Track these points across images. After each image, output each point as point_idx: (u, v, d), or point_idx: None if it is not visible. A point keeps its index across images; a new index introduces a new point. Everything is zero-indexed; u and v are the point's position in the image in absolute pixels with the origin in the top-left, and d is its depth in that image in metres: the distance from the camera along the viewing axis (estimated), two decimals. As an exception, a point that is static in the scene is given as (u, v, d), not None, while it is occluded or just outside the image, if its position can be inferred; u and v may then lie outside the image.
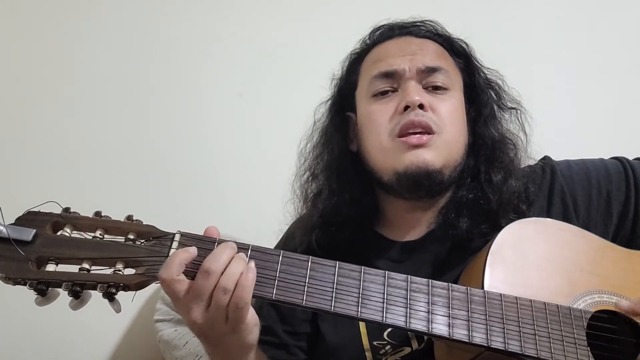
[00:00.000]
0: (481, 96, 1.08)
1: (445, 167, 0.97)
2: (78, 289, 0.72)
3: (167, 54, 1.73)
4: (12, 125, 1.65)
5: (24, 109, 1.66)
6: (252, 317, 0.77)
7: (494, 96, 1.09)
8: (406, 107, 0.97)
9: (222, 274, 0.73)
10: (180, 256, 0.73)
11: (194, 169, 1.70)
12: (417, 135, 0.95)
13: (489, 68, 1.11)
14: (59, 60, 1.71)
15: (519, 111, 1.10)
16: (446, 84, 1.01)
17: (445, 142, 0.97)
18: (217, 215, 1.65)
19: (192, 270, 0.75)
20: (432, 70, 1.00)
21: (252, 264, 0.76)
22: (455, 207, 1.00)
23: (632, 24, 1.70)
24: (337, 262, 0.80)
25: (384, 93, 1.01)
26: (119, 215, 0.79)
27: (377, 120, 1.00)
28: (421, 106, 0.96)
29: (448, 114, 0.99)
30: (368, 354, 0.97)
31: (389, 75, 1.01)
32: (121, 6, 1.74)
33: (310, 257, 0.80)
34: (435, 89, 1.00)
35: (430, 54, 1.03)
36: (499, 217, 0.97)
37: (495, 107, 1.09)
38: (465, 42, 1.10)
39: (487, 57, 1.12)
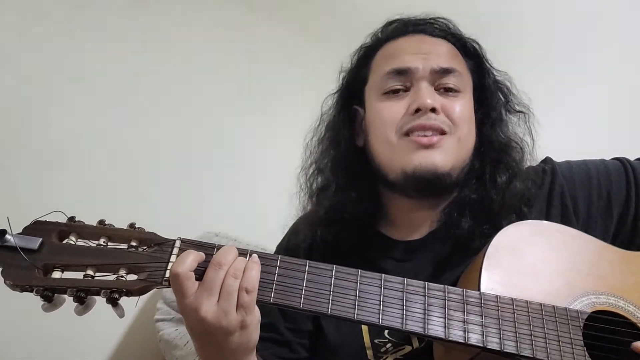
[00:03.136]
0: (490, 99, 1.07)
1: (453, 168, 0.97)
2: (83, 295, 0.75)
3: (166, 54, 1.74)
4: (20, 138, 1.67)
5: (29, 122, 1.68)
6: (257, 311, 0.79)
7: (503, 99, 1.09)
8: (417, 110, 0.96)
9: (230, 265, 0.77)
10: (193, 254, 0.77)
11: (194, 169, 1.72)
12: (428, 137, 0.95)
13: (499, 70, 1.10)
14: (59, 63, 1.71)
15: (526, 115, 1.09)
16: (458, 86, 1.01)
17: (455, 143, 0.97)
18: (219, 215, 1.67)
19: (199, 268, 0.77)
20: (445, 72, 1.00)
21: (256, 257, 0.79)
22: (458, 207, 1.00)
23: (634, 24, 1.69)
24: (334, 266, 0.82)
25: (395, 91, 1.00)
26: (124, 218, 0.82)
27: (386, 118, 0.99)
28: (433, 109, 0.96)
29: (460, 115, 0.99)
30: (369, 352, 0.98)
31: (401, 72, 1.00)
32: (120, 7, 1.74)
33: (308, 261, 0.82)
34: (447, 90, 1.00)
35: (443, 54, 1.03)
36: (500, 218, 0.97)
37: (503, 111, 1.08)
38: (477, 43, 1.09)
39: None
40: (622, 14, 1.69)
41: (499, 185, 1.00)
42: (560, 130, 1.51)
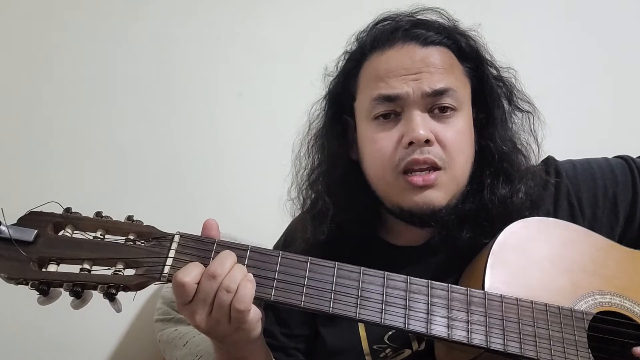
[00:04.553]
0: (490, 104, 1.00)
1: (451, 200, 0.94)
2: (79, 290, 0.73)
3: (167, 54, 1.73)
4: (14, 125, 1.66)
5: (25, 109, 1.67)
6: (254, 314, 0.77)
7: (506, 98, 1.02)
8: (410, 142, 0.91)
9: (225, 276, 0.75)
10: (200, 268, 0.75)
11: (194, 169, 1.71)
12: (423, 176, 0.91)
13: (501, 67, 1.03)
14: (59, 60, 1.71)
15: (531, 116, 1.03)
16: (454, 104, 0.93)
17: (452, 176, 0.93)
18: (217, 215, 1.64)
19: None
20: (438, 93, 0.92)
21: (251, 275, 0.77)
22: (457, 217, 0.96)
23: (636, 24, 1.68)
24: (336, 263, 0.80)
25: (385, 116, 0.94)
26: (119, 216, 0.80)
27: (380, 151, 0.94)
28: (427, 141, 0.91)
29: (456, 143, 0.93)
30: (368, 358, 0.97)
31: (390, 99, 0.92)
32: (121, 6, 1.74)
33: (309, 257, 0.80)
34: (442, 110, 0.93)
35: (437, 70, 0.93)
36: (501, 230, 0.92)
37: (506, 115, 1.01)
38: (474, 40, 1.00)
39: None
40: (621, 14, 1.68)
41: (499, 197, 0.96)
42: (562, 129, 1.49)
